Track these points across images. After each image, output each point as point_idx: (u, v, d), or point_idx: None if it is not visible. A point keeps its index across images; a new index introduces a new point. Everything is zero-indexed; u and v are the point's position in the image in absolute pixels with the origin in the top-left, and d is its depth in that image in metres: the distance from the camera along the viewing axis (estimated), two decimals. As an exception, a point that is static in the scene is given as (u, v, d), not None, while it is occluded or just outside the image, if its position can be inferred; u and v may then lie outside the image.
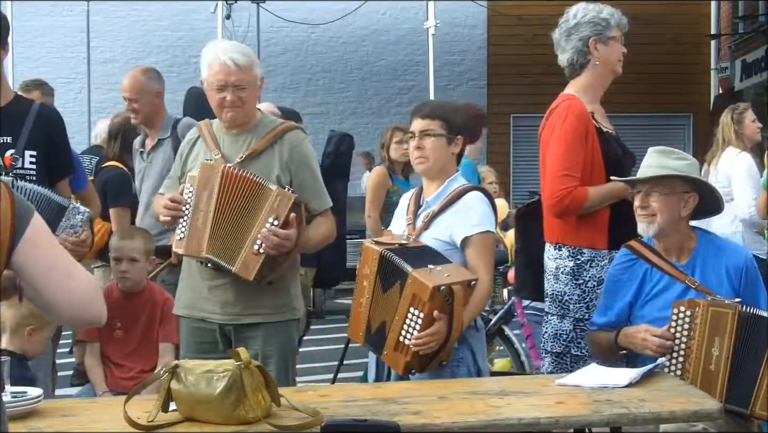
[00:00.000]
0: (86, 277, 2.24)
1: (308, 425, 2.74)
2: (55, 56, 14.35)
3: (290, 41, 15.16)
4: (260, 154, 3.90)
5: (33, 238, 2.16)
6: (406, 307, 3.47)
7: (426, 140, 3.76)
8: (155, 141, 5.51)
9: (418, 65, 14.52)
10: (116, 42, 14.69)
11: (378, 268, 3.58)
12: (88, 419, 2.88)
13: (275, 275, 3.84)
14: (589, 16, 4.19)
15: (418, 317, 3.45)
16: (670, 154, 3.82)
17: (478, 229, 3.68)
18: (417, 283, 3.44)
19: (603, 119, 4.22)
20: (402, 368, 3.52)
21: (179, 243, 3.85)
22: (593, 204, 4.04)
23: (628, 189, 3.87)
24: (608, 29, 4.19)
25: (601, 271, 4.02)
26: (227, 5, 12.29)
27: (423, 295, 3.43)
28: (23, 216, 2.15)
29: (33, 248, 2.15)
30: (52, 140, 4.07)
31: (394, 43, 15.37)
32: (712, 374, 3.53)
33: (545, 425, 2.92)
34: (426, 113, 3.80)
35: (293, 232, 3.74)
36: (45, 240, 2.20)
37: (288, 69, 15.08)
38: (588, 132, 4.06)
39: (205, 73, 3.90)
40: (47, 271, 2.16)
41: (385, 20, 15.38)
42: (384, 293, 3.57)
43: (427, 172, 3.80)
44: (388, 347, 3.52)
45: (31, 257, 2.15)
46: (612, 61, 4.20)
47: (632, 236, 3.88)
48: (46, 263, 2.17)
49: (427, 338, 3.45)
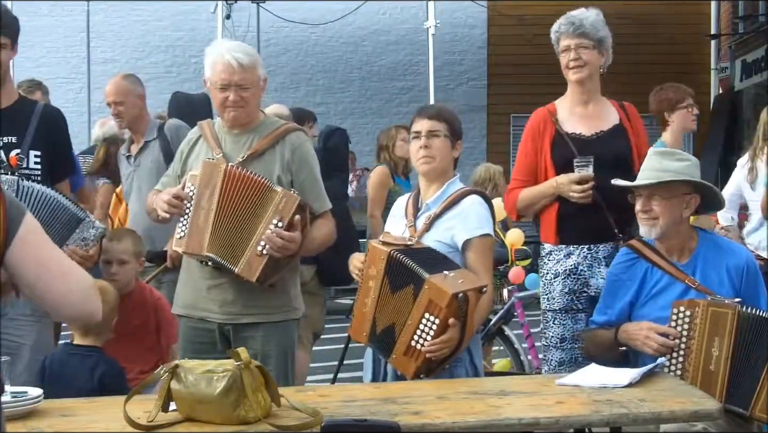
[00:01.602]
0: (80, 274, 2.25)
1: (308, 425, 2.74)
2: (55, 56, 14.35)
3: (290, 41, 15.15)
4: (262, 154, 3.90)
5: (26, 237, 2.17)
6: (420, 312, 3.43)
7: (434, 140, 3.75)
8: (141, 144, 5.53)
9: (418, 65, 14.51)
10: (116, 42, 14.69)
11: (386, 268, 3.54)
12: (88, 419, 2.88)
13: (277, 277, 3.83)
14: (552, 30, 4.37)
15: (433, 323, 3.41)
16: (670, 155, 3.83)
17: (479, 232, 3.68)
18: (435, 289, 3.40)
19: (581, 122, 4.30)
20: (412, 372, 3.49)
21: (179, 241, 3.84)
22: (526, 203, 4.30)
23: (553, 187, 4.15)
24: (557, 43, 4.33)
25: (557, 264, 4.20)
26: (227, 5, 12.29)
27: (441, 301, 3.39)
28: (15, 216, 2.16)
29: (26, 247, 2.16)
30: (55, 141, 4.10)
31: (394, 43, 15.36)
32: (711, 374, 3.53)
33: (545, 425, 2.92)
34: (433, 114, 3.80)
35: (298, 234, 3.73)
36: (37, 239, 2.21)
37: (288, 69, 15.07)
38: (538, 138, 4.28)
39: (209, 72, 3.91)
40: (40, 269, 2.18)
41: (385, 20, 15.37)
42: (393, 294, 3.53)
43: (431, 172, 3.79)
44: (398, 351, 3.49)
45: (24, 255, 2.16)
46: (563, 70, 4.35)
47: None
48: (38, 262, 2.18)
49: (441, 345, 3.42)
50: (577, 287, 4.17)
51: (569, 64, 4.27)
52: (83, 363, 3.83)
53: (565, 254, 4.19)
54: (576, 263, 4.17)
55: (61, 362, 3.88)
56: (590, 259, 4.18)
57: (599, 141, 4.27)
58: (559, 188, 4.16)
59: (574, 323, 4.18)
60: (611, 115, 4.36)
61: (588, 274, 4.17)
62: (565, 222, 4.20)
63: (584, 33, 4.25)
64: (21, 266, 2.16)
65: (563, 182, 4.14)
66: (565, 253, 4.20)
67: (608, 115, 4.37)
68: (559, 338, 4.20)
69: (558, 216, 4.21)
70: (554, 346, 4.22)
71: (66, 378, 3.80)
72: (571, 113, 4.33)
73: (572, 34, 4.26)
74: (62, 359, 3.89)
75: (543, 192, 4.23)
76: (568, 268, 4.18)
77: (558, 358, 4.21)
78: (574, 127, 4.28)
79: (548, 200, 4.21)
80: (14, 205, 2.19)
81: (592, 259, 4.18)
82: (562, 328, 4.20)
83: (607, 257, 4.14)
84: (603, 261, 4.15)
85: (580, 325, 4.15)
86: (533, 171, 4.29)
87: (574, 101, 4.36)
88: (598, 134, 4.29)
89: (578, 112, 4.33)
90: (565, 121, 4.29)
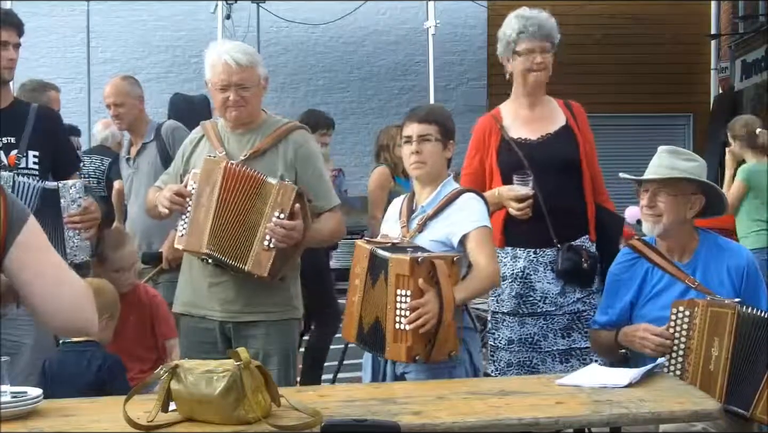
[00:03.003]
0: (77, 284, 2.20)
1: (308, 425, 2.74)
2: (55, 56, 14.33)
3: (290, 41, 15.13)
4: (264, 153, 3.90)
5: (25, 242, 2.14)
6: (393, 292, 3.47)
7: (424, 145, 3.76)
8: (139, 146, 5.54)
9: (418, 65, 14.49)
10: (116, 42, 14.67)
11: (368, 265, 3.59)
12: (88, 419, 2.88)
13: (287, 268, 3.84)
14: (500, 33, 4.32)
15: (406, 297, 3.44)
16: (679, 154, 3.84)
17: (476, 224, 3.70)
18: (396, 262, 3.45)
19: (526, 126, 4.27)
20: (405, 355, 3.48)
21: (180, 239, 3.85)
22: None
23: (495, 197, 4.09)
24: (515, 43, 4.25)
25: (504, 267, 4.16)
26: (227, 5, 12.27)
27: (404, 270, 3.43)
28: (16, 220, 2.13)
29: (24, 253, 2.13)
30: (52, 140, 4.12)
31: (394, 43, 15.34)
32: (711, 375, 3.53)
33: (545, 425, 2.91)
34: (423, 118, 3.79)
35: (299, 222, 3.74)
36: (37, 245, 2.17)
37: (288, 69, 15.05)
38: (484, 144, 4.26)
39: (209, 74, 3.92)
40: (36, 276, 2.14)
41: (385, 20, 15.35)
42: (373, 288, 3.57)
43: (424, 177, 3.80)
44: (389, 342, 3.50)
45: (21, 261, 2.12)
46: (519, 74, 4.28)
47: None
48: (36, 269, 2.14)
49: (419, 310, 3.42)
50: (523, 291, 4.16)
51: (533, 66, 4.23)
52: (79, 359, 3.83)
53: (512, 256, 4.19)
54: (523, 266, 4.16)
55: (59, 363, 3.88)
56: (536, 263, 4.17)
57: (546, 145, 4.24)
58: (500, 199, 4.14)
59: (521, 326, 4.17)
60: (558, 117, 4.32)
61: (534, 278, 4.16)
62: (510, 226, 4.18)
63: (547, 36, 4.24)
64: (19, 272, 2.13)
65: (504, 195, 4.13)
66: (512, 255, 4.19)
67: (555, 116, 4.33)
68: (507, 340, 4.19)
69: (504, 219, 4.18)
70: (502, 348, 4.20)
71: (65, 377, 3.80)
72: (516, 117, 4.29)
73: (537, 37, 4.22)
74: (60, 359, 3.90)
75: (488, 200, 4.11)
76: (515, 271, 4.17)
77: (506, 359, 4.19)
78: (518, 132, 4.25)
79: (493, 208, 4.12)
80: (17, 208, 2.16)
81: (537, 263, 4.17)
82: (509, 330, 4.19)
83: (552, 261, 4.14)
84: (548, 266, 4.15)
85: (527, 328, 4.15)
86: (479, 179, 4.24)
87: (520, 104, 4.31)
88: (544, 137, 4.26)
89: (523, 116, 4.29)
90: (510, 127, 4.26)
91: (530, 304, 4.16)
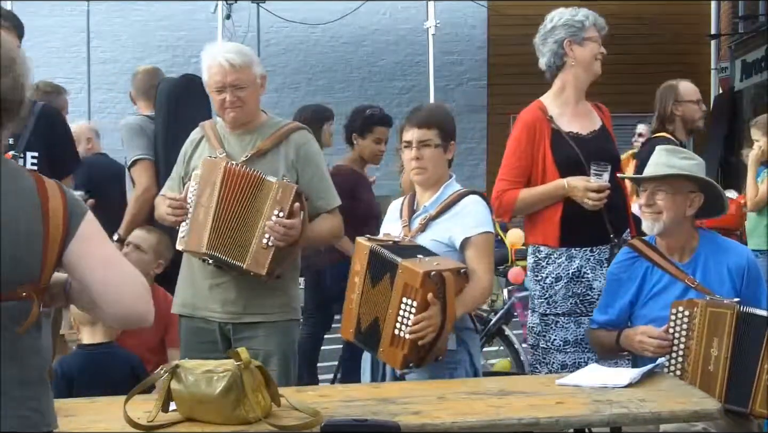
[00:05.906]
0: (136, 275, 2.24)
1: (308, 425, 2.74)
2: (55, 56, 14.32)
3: (290, 41, 15.13)
4: (265, 154, 3.90)
5: (85, 234, 2.18)
6: (398, 298, 3.45)
7: (425, 151, 3.74)
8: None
9: (418, 65, 14.49)
10: (116, 42, 14.67)
11: (368, 263, 3.57)
12: (88, 419, 2.88)
13: (284, 267, 3.84)
14: (564, 19, 4.27)
15: (411, 306, 3.42)
16: (678, 153, 3.84)
17: (478, 230, 3.68)
18: (407, 271, 3.42)
19: (575, 120, 4.26)
20: (400, 362, 3.48)
21: (181, 240, 3.86)
22: (527, 204, 4.19)
23: (563, 189, 4.06)
24: (583, 30, 4.25)
25: (558, 268, 4.13)
26: (227, 5, 12.26)
27: (414, 282, 3.40)
28: (76, 214, 2.18)
29: (83, 243, 2.17)
30: (54, 140, 4.13)
31: (394, 43, 15.34)
32: (711, 375, 3.53)
33: (545, 425, 2.92)
34: (422, 122, 3.76)
35: (297, 221, 3.74)
36: (98, 237, 2.21)
37: (288, 69, 15.05)
38: (536, 138, 4.18)
39: (205, 76, 3.92)
40: (99, 267, 2.17)
41: (385, 20, 15.35)
42: (374, 287, 3.54)
43: (425, 182, 3.79)
44: (384, 343, 3.49)
45: (83, 253, 2.16)
46: (587, 60, 4.26)
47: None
48: (97, 256, 2.18)
49: (423, 323, 3.41)
50: (580, 290, 4.14)
51: (598, 56, 4.26)
52: (105, 360, 3.85)
53: (567, 256, 4.14)
54: (579, 266, 4.14)
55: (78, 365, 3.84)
56: (593, 261, 4.15)
57: (596, 140, 4.26)
58: (571, 192, 4.09)
59: (577, 326, 4.14)
60: (594, 114, 4.36)
61: (591, 276, 4.14)
62: (568, 224, 4.13)
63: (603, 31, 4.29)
64: (80, 264, 2.16)
65: (577, 186, 4.07)
66: (567, 256, 4.14)
67: (593, 114, 4.36)
68: (562, 341, 4.15)
69: (562, 218, 4.14)
70: (557, 349, 4.16)
71: (89, 378, 3.79)
72: (563, 112, 4.27)
73: (599, 30, 4.28)
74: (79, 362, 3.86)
75: (550, 194, 4.15)
76: (571, 271, 4.14)
77: (560, 361, 4.15)
78: (569, 126, 4.24)
79: (551, 202, 4.15)
80: (76, 203, 2.20)
81: (594, 261, 4.15)
82: (564, 331, 4.15)
83: (608, 259, 4.12)
84: (604, 263, 4.13)
85: (583, 329, 4.11)
86: (527, 172, 4.20)
87: (566, 99, 4.29)
88: (592, 132, 4.27)
89: (569, 111, 4.28)
90: (558, 121, 4.24)
91: (588, 303, 4.13)
